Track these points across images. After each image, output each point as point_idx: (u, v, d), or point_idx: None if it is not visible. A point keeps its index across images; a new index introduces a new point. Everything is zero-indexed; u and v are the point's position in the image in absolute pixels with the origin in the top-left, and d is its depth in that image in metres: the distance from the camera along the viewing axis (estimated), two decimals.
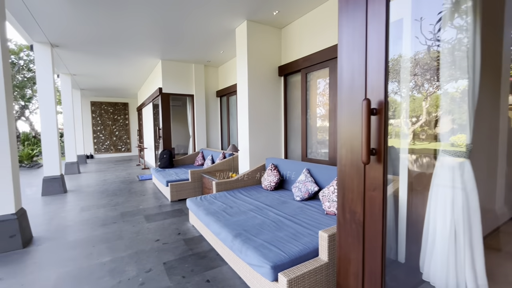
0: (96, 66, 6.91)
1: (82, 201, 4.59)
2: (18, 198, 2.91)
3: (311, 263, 1.70)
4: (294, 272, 1.60)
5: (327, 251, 1.70)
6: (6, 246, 2.70)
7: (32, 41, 5.00)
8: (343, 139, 1.45)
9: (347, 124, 1.41)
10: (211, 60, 6.43)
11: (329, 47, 3.48)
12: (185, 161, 6.59)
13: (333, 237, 1.71)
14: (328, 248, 1.70)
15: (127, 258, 2.50)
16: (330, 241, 1.70)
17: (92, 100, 12.08)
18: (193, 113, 6.91)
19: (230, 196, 3.23)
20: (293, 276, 1.57)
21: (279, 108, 4.56)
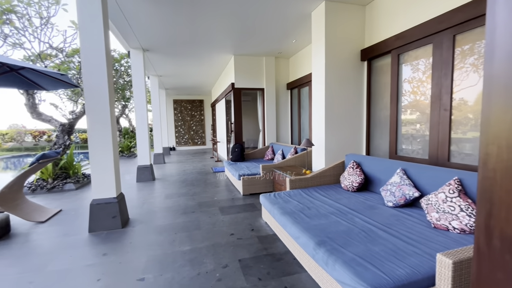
0: (177, 67, 7.58)
1: (166, 189, 5.08)
2: (119, 184, 3.33)
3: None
4: None
5: (450, 283, 1.26)
6: (110, 225, 3.12)
7: (129, 48, 5.75)
8: (494, 132, 0.99)
9: (502, 109, 0.95)
10: (282, 51, 6.21)
11: (434, 18, 2.78)
12: (255, 155, 6.61)
13: (462, 265, 1.25)
14: (452, 280, 1.26)
15: (205, 249, 2.54)
16: (455, 270, 1.25)
17: (174, 98, 13.52)
18: (263, 107, 6.86)
19: (306, 195, 2.96)
20: None
21: (360, 98, 4.01)
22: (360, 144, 4.04)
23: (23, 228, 3.25)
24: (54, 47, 5.83)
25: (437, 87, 2.84)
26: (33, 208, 3.66)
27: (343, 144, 3.92)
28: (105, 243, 2.77)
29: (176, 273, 2.14)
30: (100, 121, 3.06)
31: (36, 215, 3.54)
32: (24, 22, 5.06)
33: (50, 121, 5.69)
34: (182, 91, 12.50)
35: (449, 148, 2.75)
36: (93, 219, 3.08)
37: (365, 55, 3.88)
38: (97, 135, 3.07)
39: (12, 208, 3.37)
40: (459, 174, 2.04)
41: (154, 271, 2.18)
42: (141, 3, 3.68)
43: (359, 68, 3.97)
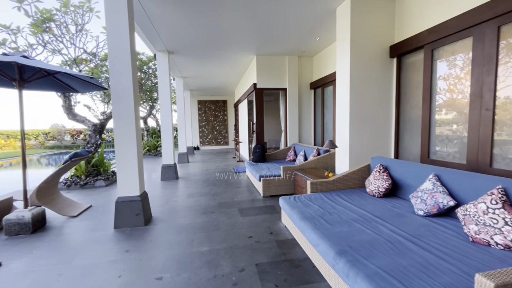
0: (201, 68, 7.72)
1: (188, 188, 5.18)
2: (142, 183, 3.44)
3: None
4: None
5: None
6: (133, 222, 3.23)
7: (155, 51, 5.96)
8: None
9: None
10: (305, 49, 6.06)
11: (475, 8, 2.51)
12: (277, 156, 6.52)
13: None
14: None
15: (222, 251, 2.52)
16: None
17: (198, 99, 13.84)
18: (285, 107, 6.75)
19: (328, 200, 2.83)
20: None
21: (388, 97, 3.76)
22: (387, 146, 3.79)
23: (57, 221, 3.49)
24: (88, 52, 6.21)
25: (477, 84, 2.56)
26: (66, 203, 3.91)
27: (368, 146, 3.71)
28: (128, 239, 2.87)
29: (193, 274, 2.14)
30: (125, 122, 3.18)
31: (69, 210, 3.78)
32: (62, 30, 5.44)
33: (84, 121, 6.08)
34: (206, 92, 12.76)
35: (492, 152, 2.46)
36: (118, 216, 3.21)
37: (394, 51, 3.64)
38: (122, 135, 3.20)
39: (48, 202, 3.62)
40: (503, 183, 1.81)
41: (172, 271, 2.20)
42: (165, 6, 3.77)
43: (388, 65, 3.73)
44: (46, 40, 5.28)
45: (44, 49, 5.32)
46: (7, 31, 4.94)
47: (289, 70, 6.55)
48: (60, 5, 5.22)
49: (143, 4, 3.71)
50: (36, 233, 3.11)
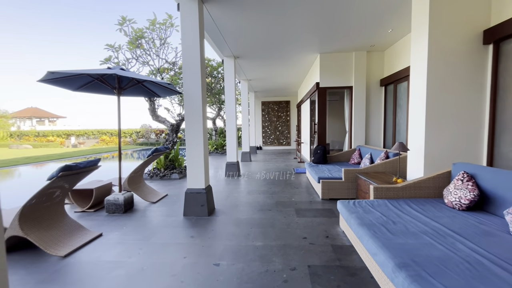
0: (265, 70, 7.96)
1: (249, 185, 5.42)
2: (207, 178, 3.79)
3: None
4: None
5: None
6: (198, 212, 3.59)
7: (222, 56, 6.45)
8: None
9: None
10: (375, 43, 5.58)
11: None
12: (340, 158, 6.19)
13: None
14: None
15: (275, 248, 2.57)
16: None
17: (262, 100, 14.27)
18: (350, 107, 6.36)
19: (393, 208, 2.55)
20: None
21: (479, 92, 3.14)
22: (476, 151, 3.16)
23: (141, 205, 4.15)
24: (169, 62, 7.17)
25: None
26: (149, 190, 4.62)
27: (449, 150, 3.17)
28: (194, 227, 3.20)
29: (246, 266, 2.25)
30: (194, 122, 3.56)
31: (150, 196, 4.45)
32: (150, 44, 6.43)
33: (164, 122, 7.04)
34: (269, 93, 13.06)
35: None
36: (187, 205, 3.62)
37: (490, 36, 3.01)
38: (192, 134, 3.59)
39: (136, 189, 4.35)
40: None
41: (228, 259, 2.37)
42: (231, 13, 4.06)
43: (480, 53, 3.11)
44: (138, 54, 6.33)
45: (136, 61, 6.39)
46: (112, 49, 6.14)
47: (355, 66, 6.15)
48: (149, 23, 6.18)
49: (212, 15, 4.08)
50: (126, 213, 3.79)
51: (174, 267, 2.27)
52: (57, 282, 2.07)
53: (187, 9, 3.49)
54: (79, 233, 2.84)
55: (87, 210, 3.84)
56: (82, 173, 2.78)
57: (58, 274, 2.18)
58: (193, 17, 3.48)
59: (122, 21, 5.91)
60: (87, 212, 3.82)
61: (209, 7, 3.84)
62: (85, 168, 2.77)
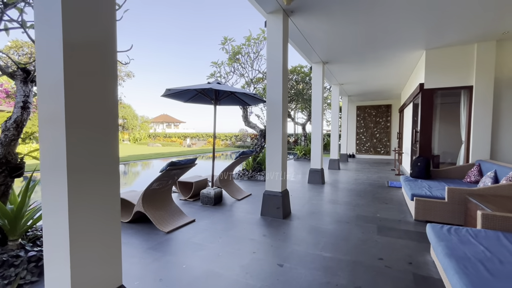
0: (358, 72, 7.46)
1: (331, 194, 5.22)
2: (284, 182, 3.95)
3: None
4: None
5: None
6: (274, 213, 3.79)
7: (311, 63, 6.49)
8: None
9: None
10: (510, 29, 4.31)
11: None
12: (450, 173, 5.08)
13: None
14: None
15: (343, 263, 2.44)
16: None
17: (358, 104, 13.26)
18: (469, 111, 5.13)
19: (508, 242, 1.96)
20: None
21: None
22: None
23: (228, 201, 4.74)
24: (262, 72, 7.81)
25: None
26: (235, 189, 5.20)
27: None
28: (268, 227, 3.42)
29: (309, 272, 2.26)
30: (274, 128, 3.80)
31: (236, 194, 5.01)
32: (246, 58, 7.22)
33: (255, 127, 7.70)
34: (366, 97, 12.01)
35: None
36: (264, 206, 3.89)
37: None
38: (272, 139, 3.85)
39: (225, 186, 5.00)
40: None
41: (292, 263, 2.44)
42: (316, 21, 4.10)
43: None
44: (235, 68, 7.23)
45: (234, 74, 7.30)
46: (215, 65, 7.26)
47: (477, 61, 4.92)
48: (245, 40, 6.96)
49: (298, 26, 4.24)
50: (215, 205, 4.42)
51: (243, 259, 2.54)
52: (159, 251, 2.71)
53: (273, 24, 3.79)
54: (179, 217, 3.57)
55: (188, 199, 4.72)
56: (183, 168, 3.49)
57: (161, 245, 2.84)
58: (277, 31, 3.75)
59: (224, 41, 6.91)
60: (188, 201, 4.69)
61: (294, 19, 4.02)
62: (186, 165, 3.46)
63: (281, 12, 3.70)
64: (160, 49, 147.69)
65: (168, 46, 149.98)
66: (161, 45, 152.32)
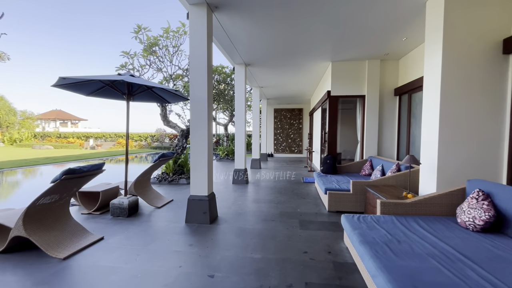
0: (277, 77, 7.94)
1: (255, 194, 5.34)
2: (210, 185, 3.76)
3: None
4: None
5: None
6: (200, 219, 3.56)
7: (234, 64, 6.50)
8: None
9: None
10: (389, 52, 5.43)
11: None
12: (350, 168, 6.00)
13: None
14: None
15: (274, 262, 2.48)
16: None
17: (275, 107, 14.24)
18: (363, 116, 6.18)
19: (400, 225, 2.40)
20: None
21: (499, 105, 2.94)
22: (495, 167, 2.94)
23: (146, 210, 4.18)
24: (182, 69, 7.32)
25: None
26: (154, 195, 4.66)
27: (465, 165, 2.97)
28: (194, 234, 3.17)
29: (241, 279, 2.18)
30: (199, 129, 3.57)
31: (156, 201, 4.48)
32: (163, 52, 6.60)
33: (175, 127, 7.15)
34: (282, 101, 13.01)
35: None
36: (189, 212, 3.60)
37: (510, 45, 2.83)
38: (196, 140, 3.60)
39: (142, 193, 4.40)
40: None
41: (224, 271, 2.30)
42: (240, 20, 4.08)
43: (499, 64, 2.93)
44: (151, 61, 6.51)
45: (150, 68, 6.57)
46: (127, 56, 6.35)
47: (368, 75, 6.00)
48: (163, 31, 6.36)
49: (222, 23, 4.12)
50: (130, 217, 3.82)
51: (168, 276, 2.24)
52: (52, 285, 2.09)
53: (196, 17, 3.54)
54: (81, 236, 2.88)
55: (93, 213, 3.91)
56: (86, 176, 2.84)
57: (54, 277, 2.20)
58: (201, 25, 3.53)
59: (138, 29, 6.12)
60: (93, 214, 3.89)
61: (218, 15, 3.89)
62: (89, 172, 2.82)
63: (205, 5, 3.51)
64: (51, 24, 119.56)
65: (61, 24, 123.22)
66: (51, 20, 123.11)
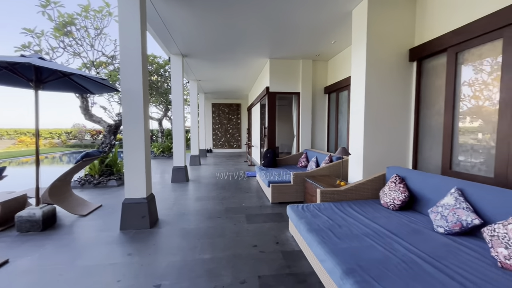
0: (215, 71, 7.74)
1: (197, 191, 5.14)
2: (149, 185, 3.42)
3: None
4: None
5: None
6: (139, 224, 3.21)
7: (170, 54, 6.03)
8: None
9: None
10: (320, 53, 5.92)
11: (507, 7, 2.30)
12: (288, 161, 6.38)
13: None
14: None
15: (224, 260, 2.43)
16: None
17: (213, 102, 13.96)
18: (298, 112, 6.61)
19: (338, 210, 2.67)
20: None
21: (407, 103, 3.55)
22: (405, 155, 3.57)
23: (67, 220, 3.53)
24: (107, 55, 6.39)
25: (508, 90, 2.33)
26: (77, 202, 3.97)
27: (384, 155, 3.50)
28: (132, 242, 2.84)
29: (192, 284, 2.06)
30: (134, 123, 3.19)
31: (79, 209, 3.83)
32: (82, 33, 5.62)
33: (100, 122, 6.23)
34: (220, 95, 12.83)
35: None
36: (124, 217, 3.20)
37: (414, 54, 3.44)
38: (131, 136, 3.20)
39: (60, 201, 3.69)
40: None
41: (171, 278, 2.13)
42: (177, 7, 3.78)
43: (407, 69, 3.53)
44: (66, 43, 5.47)
45: (64, 51, 5.52)
46: (32, 34, 5.17)
47: (303, 74, 6.43)
48: (81, 9, 5.40)
49: (156, 7, 3.74)
50: (45, 231, 3.16)
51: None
52: None
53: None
54: None
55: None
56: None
57: None
58: (133, 6, 3.12)
59: (46, 3, 5.02)
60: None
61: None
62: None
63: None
64: None
65: None
66: None
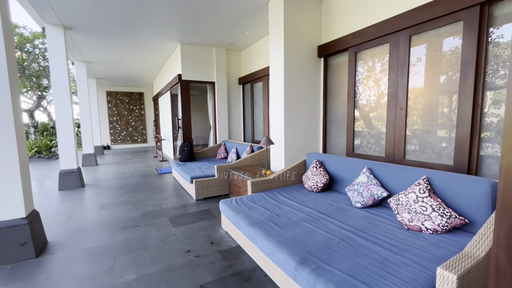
0: (111, 51, 6.45)
1: (100, 198, 4.22)
2: (29, 200, 2.51)
3: None
4: None
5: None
6: (17, 255, 2.31)
7: (43, 23, 4.57)
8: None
9: None
10: (234, 43, 5.84)
11: (391, 18, 2.82)
12: (206, 154, 6.13)
13: (465, 279, 1.15)
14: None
15: (155, 276, 2.05)
16: (460, 286, 1.14)
17: (108, 90, 11.81)
18: (214, 102, 6.40)
19: (271, 200, 2.72)
20: None
21: (317, 95, 3.96)
22: (317, 142, 4.00)
23: None
24: None
25: (393, 86, 2.91)
26: None
27: (302, 142, 3.82)
28: (8, 283, 2.01)
29: None
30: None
31: None
32: None
33: None
34: (117, 82, 10.94)
35: (405, 146, 2.85)
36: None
37: (321, 51, 3.83)
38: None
39: None
40: (427, 173, 2.06)
41: None
42: None
43: (317, 65, 3.91)
44: None
45: None
46: None
47: (217, 63, 6.21)
48: None
49: None
50: None
51: None
52: None
53: None
54: None
55: None
56: None
57: None
58: None
59: None
60: None
61: None
62: None
63: None
64: None
65: None
66: None
